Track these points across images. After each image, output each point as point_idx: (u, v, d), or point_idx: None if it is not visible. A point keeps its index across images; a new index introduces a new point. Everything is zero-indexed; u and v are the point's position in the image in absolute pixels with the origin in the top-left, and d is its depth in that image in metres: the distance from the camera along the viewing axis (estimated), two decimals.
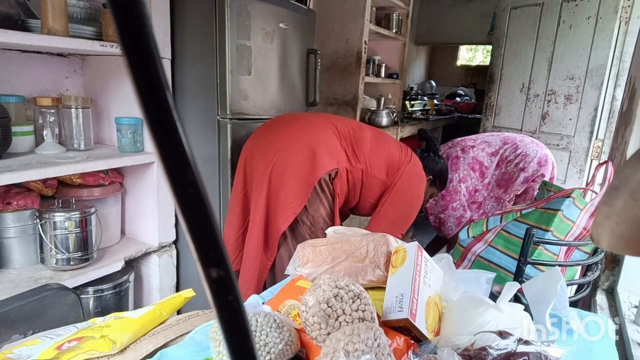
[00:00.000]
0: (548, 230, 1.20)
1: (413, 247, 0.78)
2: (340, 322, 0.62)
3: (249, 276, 1.39)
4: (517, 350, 0.59)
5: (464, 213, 1.77)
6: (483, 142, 1.84)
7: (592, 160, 2.56)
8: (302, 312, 0.64)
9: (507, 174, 1.77)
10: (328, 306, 0.62)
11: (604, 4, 2.40)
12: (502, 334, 0.64)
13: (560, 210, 1.20)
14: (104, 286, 1.56)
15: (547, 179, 1.70)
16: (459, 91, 5.14)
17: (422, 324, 0.68)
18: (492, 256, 1.32)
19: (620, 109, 2.01)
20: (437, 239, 2.08)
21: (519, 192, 1.76)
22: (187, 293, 0.91)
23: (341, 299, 0.63)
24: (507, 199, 1.79)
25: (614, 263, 1.60)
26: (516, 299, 0.85)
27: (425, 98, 4.25)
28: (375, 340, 0.57)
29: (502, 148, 1.80)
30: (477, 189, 1.80)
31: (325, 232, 1.02)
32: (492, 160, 1.79)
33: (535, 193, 1.67)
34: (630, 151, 1.55)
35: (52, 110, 1.53)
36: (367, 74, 3.01)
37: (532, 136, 2.78)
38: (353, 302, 0.64)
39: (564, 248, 1.25)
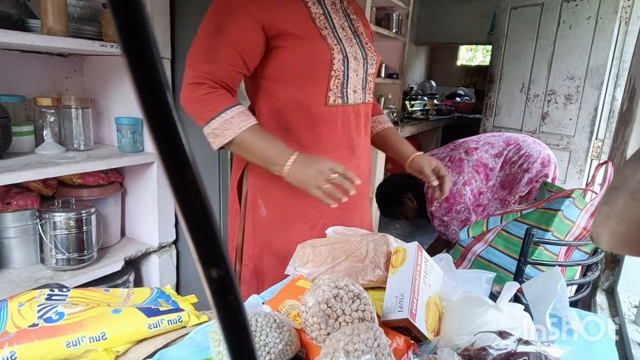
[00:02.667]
0: (548, 231, 1.20)
1: (413, 247, 0.78)
2: (340, 323, 0.62)
3: None
4: (517, 350, 0.59)
5: (469, 216, 1.75)
6: (486, 144, 1.83)
7: (592, 160, 2.56)
8: (302, 312, 0.64)
9: (511, 175, 1.77)
10: (328, 306, 0.62)
11: (604, 4, 2.40)
12: (502, 334, 0.64)
13: (560, 210, 1.20)
14: (104, 286, 1.56)
15: (550, 179, 1.69)
16: (459, 91, 5.14)
17: (422, 324, 0.68)
18: (492, 256, 1.32)
19: (620, 109, 2.01)
20: (438, 241, 2.08)
21: (524, 194, 1.75)
22: (190, 299, 0.91)
23: (341, 299, 0.63)
24: (512, 201, 1.78)
25: (614, 263, 1.60)
26: (516, 299, 0.85)
27: (425, 98, 4.25)
28: (375, 340, 0.57)
29: (505, 149, 1.79)
30: (482, 191, 1.79)
31: (326, 232, 1.02)
32: (497, 162, 1.78)
33: (537, 194, 1.66)
34: (630, 151, 1.55)
35: (52, 110, 1.53)
36: None
37: (532, 136, 2.78)
38: (353, 302, 0.64)
39: (564, 248, 1.25)
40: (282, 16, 0.98)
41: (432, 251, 1.96)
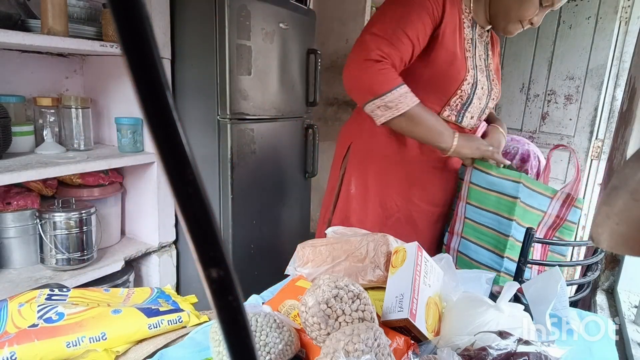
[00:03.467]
0: (512, 220, 1.18)
1: (413, 247, 0.78)
2: (340, 323, 0.62)
3: None
4: (517, 350, 0.59)
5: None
6: None
7: (592, 160, 2.56)
8: (302, 312, 0.64)
9: None
10: (328, 306, 0.62)
11: (604, 4, 2.40)
12: (502, 334, 0.64)
13: (517, 197, 1.16)
14: (104, 286, 1.56)
15: (532, 174, 1.64)
16: None
17: (422, 324, 0.68)
18: (469, 250, 1.28)
19: (620, 109, 2.01)
20: None
21: None
22: (190, 299, 0.92)
23: (341, 299, 0.63)
24: None
25: (614, 263, 1.60)
26: (516, 299, 0.85)
27: None
28: (375, 340, 0.57)
29: None
30: None
31: (326, 232, 1.02)
32: None
33: None
34: (630, 151, 1.55)
35: (52, 110, 1.53)
36: None
37: (531, 136, 2.78)
38: (353, 302, 0.64)
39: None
40: (447, 26, 1.05)
41: None
